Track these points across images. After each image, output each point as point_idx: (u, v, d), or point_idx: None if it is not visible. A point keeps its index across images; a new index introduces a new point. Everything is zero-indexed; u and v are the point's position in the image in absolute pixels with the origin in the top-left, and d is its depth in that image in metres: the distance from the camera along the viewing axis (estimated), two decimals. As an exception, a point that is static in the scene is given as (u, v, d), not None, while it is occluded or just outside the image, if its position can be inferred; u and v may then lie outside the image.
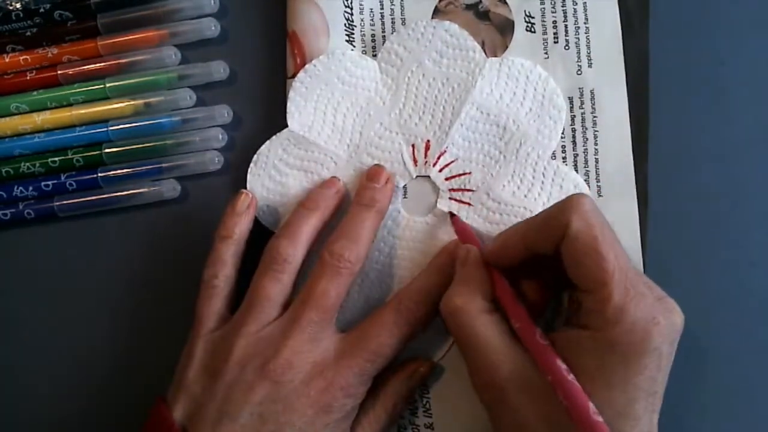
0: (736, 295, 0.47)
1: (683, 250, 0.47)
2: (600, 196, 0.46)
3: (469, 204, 0.46)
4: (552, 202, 0.44)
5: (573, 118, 0.46)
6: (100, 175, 0.49)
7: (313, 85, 0.47)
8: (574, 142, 0.46)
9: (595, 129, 0.46)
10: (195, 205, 0.50)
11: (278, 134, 0.47)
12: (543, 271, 0.42)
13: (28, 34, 0.49)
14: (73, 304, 0.50)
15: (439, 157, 0.46)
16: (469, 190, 0.46)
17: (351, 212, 0.45)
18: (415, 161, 0.47)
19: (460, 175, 0.46)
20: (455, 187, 0.46)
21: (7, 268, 0.51)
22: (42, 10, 0.49)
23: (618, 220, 0.45)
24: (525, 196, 0.46)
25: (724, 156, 0.47)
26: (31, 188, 0.49)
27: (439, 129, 0.46)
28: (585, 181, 0.46)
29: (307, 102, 0.47)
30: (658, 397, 0.37)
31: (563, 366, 0.36)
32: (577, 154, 0.46)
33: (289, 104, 0.47)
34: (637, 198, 0.46)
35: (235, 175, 0.49)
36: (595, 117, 0.46)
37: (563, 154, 0.46)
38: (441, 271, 0.44)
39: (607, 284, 0.36)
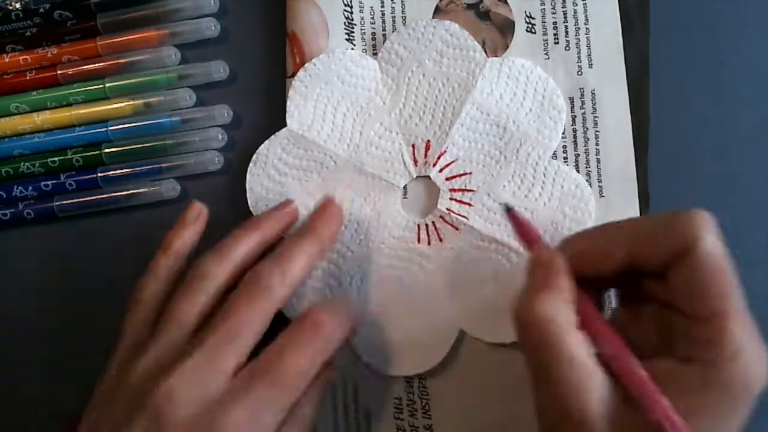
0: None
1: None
2: (602, 196, 0.45)
3: (469, 204, 0.46)
4: (553, 202, 0.45)
5: (574, 118, 0.46)
6: (99, 175, 0.49)
7: (313, 84, 0.47)
8: (575, 143, 0.46)
9: (596, 129, 0.46)
10: (195, 205, 0.50)
11: (277, 133, 0.47)
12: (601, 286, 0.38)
13: (28, 34, 0.49)
14: (73, 304, 0.50)
15: (439, 157, 0.46)
16: (469, 191, 0.46)
17: (288, 239, 0.42)
18: (415, 161, 0.47)
19: (460, 175, 0.46)
20: (456, 187, 0.46)
21: (7, 268, 0.51)
22: (42, 10, 0.49)
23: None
24: (525, 196, 0.45)
25: (724, 155, 0.47)
26: (30, 188, 0.49)
27: (439, 129, 0.46)
28: (587, 181, 0.45)
29: (307, 101, 0.47)
30: None
31: (668, 403, 0.32)
32: (578, 155, 0.46)
33: (288, 103, 0.47)
34: (639, 199, 0.46)
35: (235, 175, 0.49)
36: (596, 117, 0.46)
37: (564, 155, 0.46)
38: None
39: (730, 315, 0.32)
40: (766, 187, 0.47)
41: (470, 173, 0.46)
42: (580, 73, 0.46)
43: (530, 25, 0.47)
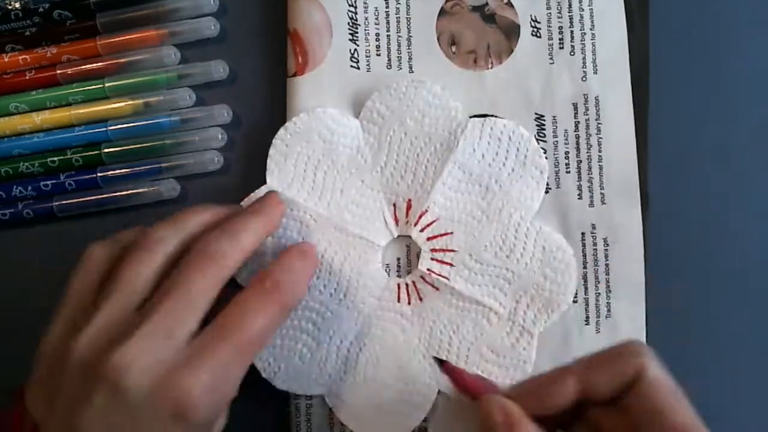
0: (737, 295, 0.47)
1: (684, 250, 0.47)
2: (603, 203, 0.46)
3: (450, 264, 0.46)
4: (534, 264, 0.45)
5: (577, 124, 0.46)
6: (99, 174, 0.48)
7: (293, 142, 0.46)
8: (578, 149, 0.46)
9: (599, 136, 0.46)
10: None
11: (257, 191, 0.46)
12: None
13: (27, 33, 0.49)
14: (73, 305, 0.50)
15: (420, 217, 0.46)
16: (451, 251, 0.46)
17: (232, 216, 0.41)
18: (396, 220, 0.46)
19: (441, 235, 0.46)
20: (437, 247, 0.46)
21: (6, 268, 0.50)
22: (41, 9, 0.48)
23: (622, 227, 0.45)
24: (507, 257, 0.45)
25: (724, 156, 0.48)
26: (30, 188, 0.49)
27: (420, 188, 0.46)
28: (588, 188, 0.46)
29: (287, 159, 0.46)
30: None
31: None
32: (581, 161, 0.46)
33: (269, 161, 0.46)
34: (640, 199, 0.46)
35: (235, 175, 0.49)
36: (599, 124, 0.46)
37: (566, 161, 0.46)
38: (310, 255, 0.42)
39: (692, 429, 0.34)
40: (767, 187, 0.48)
41: (452, 233, 0.46)
42: (584, 78, 0.46)
43: (535, 29, 0.46)
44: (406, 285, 0.46)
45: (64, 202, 0.49)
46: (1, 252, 0.50)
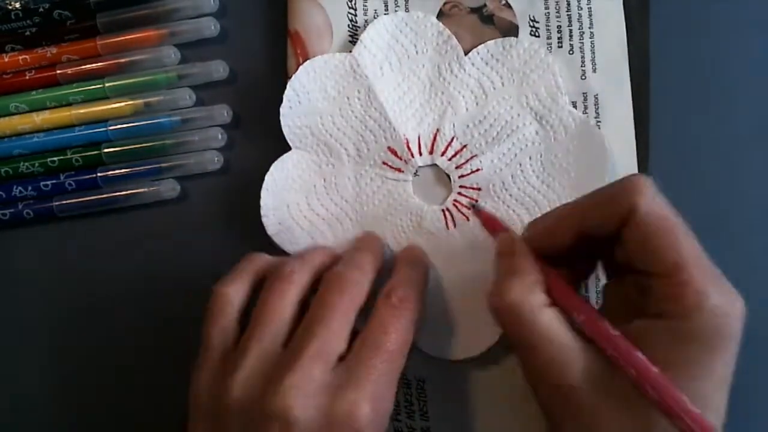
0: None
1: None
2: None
3: (479, 189, 0.46)
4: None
5: (577, 123, 0.46)
6: (99, 175, 0.49)
7: (309, 86, 0.47)
8: (577, 148, 0.46)
9: (600, 135, 0.46)
10: (195, 205, 0.50)
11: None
12: (573, 257, 0.39)
13: (28, 33, 0.49)
14: (72, 305, 0.50)
15: (447, 146, 0.46)
16: (477, 170, 0.46)
17: (348, 251, 0.44)
18: (420, 151, 0.47)
19: (468, 160, 0.46)
20: (465, 173, 0.46)
21: (6, 268, 0.51)
22: (41, 9, 0.48)
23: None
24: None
25: (725, 156, 0.47)
26: (30, 188, 0.49)
27: (441, 118, 0.46)
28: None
29: (305, 102, 0.47)
30: (729, 386, 0.35)
31: (644, 358, 0.33)
32: (581, 160, 0.46)
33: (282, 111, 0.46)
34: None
35: (235, 175, 0.49)
36: (599, 122, 0.46)
37: (566, 160, 0.46)
38: (417, 261, 0.44)
39: (686, 267, 0.34)
40: (767, 187, 0.47)
41: (476, 155, 0.46)
42: (584, 77, 0.46)
43: (534, 29, 0.46)
44: (446, 210, 0.47)
45: (64, 202, 0.49)
46: (1, 252, 0.51)
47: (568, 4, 0.46)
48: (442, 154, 0.46)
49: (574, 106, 0.46)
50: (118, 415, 0.50)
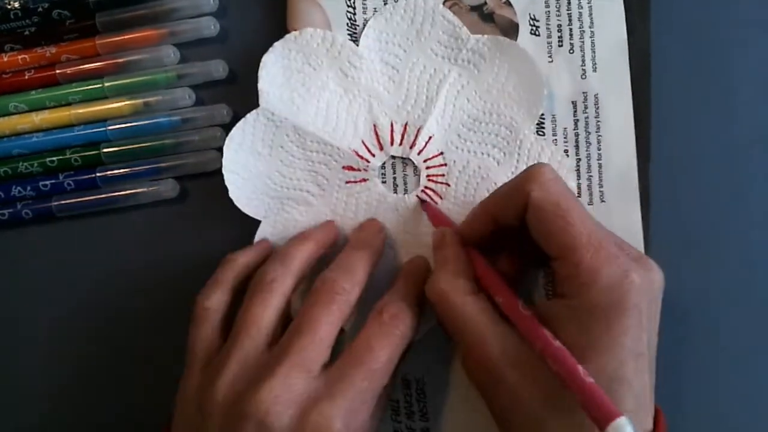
0: (738, 296, 0.47)
1: (685, 250, 0.47)
2: (603, 201, 0.45)
3: (447, 185, 0.46)
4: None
5: (576, 122, 0.46)
6: (98, 174, 0.48)
7: (284, 64, 0.47)
8: (576, 147, 0.46)
9: (599, 134, 0.46)
10: (194, 205, 0.50)
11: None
12: (513, 244, 0.42)
13: (27, 33, 0.49)
14: (72, 305, 0.50)
15: (392, 134, 0.47)
16: (430, 138, 0.47)
17: (343, 252, 0.44)
18: (392, 141, 0.47)
19: (417, 136, 0.46)
20: (421, 147, 0.47)
21: (5, 268, 0.51)
22: (40, 9, 0.48)
23: (621, 226, 0.45)
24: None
25: (725, 156, 0.47)
26: (29, 188, 0.49)
27: (414, 110, 0.47)
28: (587, 186, 0.45)
29: (278, 80, 0.47)
30: (646, 358, 0.37)
31: (548, 333, 0.36)
32: (580, 159, 0.46)
33: (260, 83, 0.46)
34: (639, 199, 0.46)
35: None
36: (599, 122, 0.46)
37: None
38: (418, 274, 0.44)
39: (576, 248, 0.36)
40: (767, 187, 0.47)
41: (442, 153, 0.47)
42: (584, 76, 0.46)
43: (534, 28, 0.46)
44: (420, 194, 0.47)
45: (63, 202, 0.49)
46: (1, 252, 0.50)
47: (569, 3, 0.46)
48: (392, 144, 0.47)
49: (574, 106, 0.46)
50: (117, 415, 0.50)
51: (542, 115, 0.46)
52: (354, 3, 0.47)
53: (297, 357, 0.38)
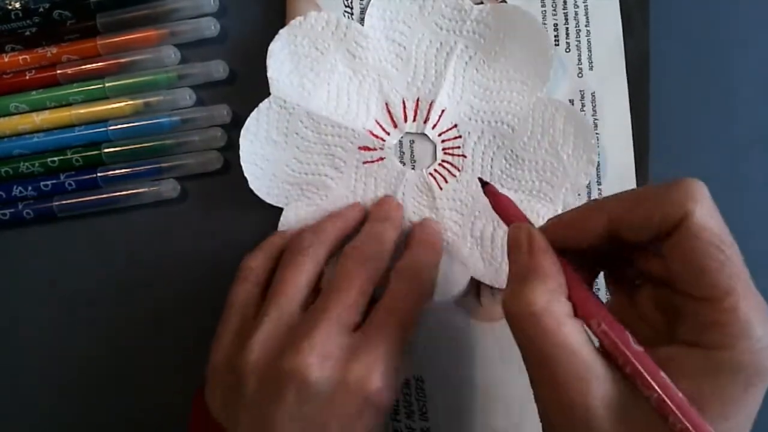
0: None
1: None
2: (600, 200, 0.45)
3: (463, 156, 0.47)
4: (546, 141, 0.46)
5: (574, 121, 0.46)
6: (99, 175, 0.49)
7: (293, 49, 0.47)
8: (575, 146, 0.46)
9: (596, 132, 0.46)
10: (195, 205, 0.50)
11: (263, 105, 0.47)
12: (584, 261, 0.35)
13: (27, 33, 0.49)
14: (73, 305, 0.50)
15: (404, 111, 0.47)
16: (443, 111, 0.47)
17: (367, 224, 0.45)
18: (405, 118, 0.47)
19: (430, 110, 0.47)
20: (435, 122, 0.47)
21: (6, 268, 0.51)
22: (41, 9, 0.48)
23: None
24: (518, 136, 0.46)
25: (725, 156, 0.47)
26: (30, 188, 0.49)
27: (425, 85, 0.47)
28: (586, 185, 0.45)
29: (287, 65, 0.47)
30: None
31: (667, 380, 0.29)
32: (578, 157, 0.46)
33: (269, 71, 0.47)
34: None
35: (235, 174, 0.49)
36: (596, 120, 0.46)
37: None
38: (432, 238, 0.46)
39: (734, 292, 0.29)
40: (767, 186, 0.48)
41: (456, 125, 0.47)
42: (580, 75, 0.46)
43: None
44: (434, 172, 0.47)
45: (64, 202, 0.49)
46: (1, 252, 0.51)
47: (564, 2, 0.46)
48: (405, 121, 0.47)
49: (571, 104, 0.46)
50: (118, 415, 0.50)
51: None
52: (351, 3, 0.47)
53: (334, 314, 0.39)
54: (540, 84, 0.46)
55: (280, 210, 0.47)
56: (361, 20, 0.47)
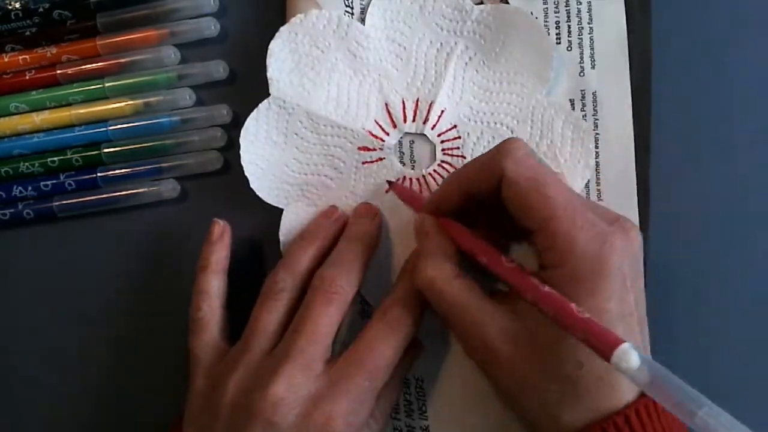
0: (738, 295, 0.47)
1: (684, 250, 0.47)
2: (600, 200, 0.45)
3: (462, 157, 0.46)
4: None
5: (575, 120, 0.46)
6: (99, 175, 0.49)
7: (293, 50, 0.47)
8: (575, 145, 0.46)
9: (597, 132, 0.45)
10: (195, 205, 0.50)
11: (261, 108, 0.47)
12: (489, 218, 0.42)
13: (28, 33, 0.49)
14: (72, 305, 0.50)
15: (404, 111, 0.47)
16: (443, 112, 0.46)
17: (339, 245, 0.45)
18: (404, 118, 0.47)
19: (429, 110, 0.46)
20: (434, 122, 0.47)
21: (6, 268, 0.51)
22: (41, 9, 0.49)
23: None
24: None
25: (726, 156, 0.47)
26: (30, 188, 0.49)
27: (424, 85, 0.47)
28: (585, 184, 0.45)
29: (288, 65, 0.47)
30: (636, 318, 0.38)
31: (537, 281, 0.36)
32: (578, 158, 0.46)
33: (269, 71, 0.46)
34: (639, 199, 0.45)
35: (235, 174, 0.48)
36: (596, 120, 0.46)
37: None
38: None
39: (552, 219, 0.37)
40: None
41: (455, 126, 0.47)
42: (582, 74, 0.46)
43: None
44: (417, 179, 0.47)
45: (64, 202, 0.49)
46: (1, 252, 0.51)
47: (567, 0, 0.46)
48: (405, 121, 0.47)
49: (572, 104, 0.46)
50: (117, 415, 0.50)
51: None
52: (352, 3, 0.47)
53: (299, 357, 0.40)
54: (540, 86, 0.45)
55: (279, 210, 0.47)
56: (362, 20, 0.47)
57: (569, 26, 0.46)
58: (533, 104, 0.45)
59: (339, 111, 0.47)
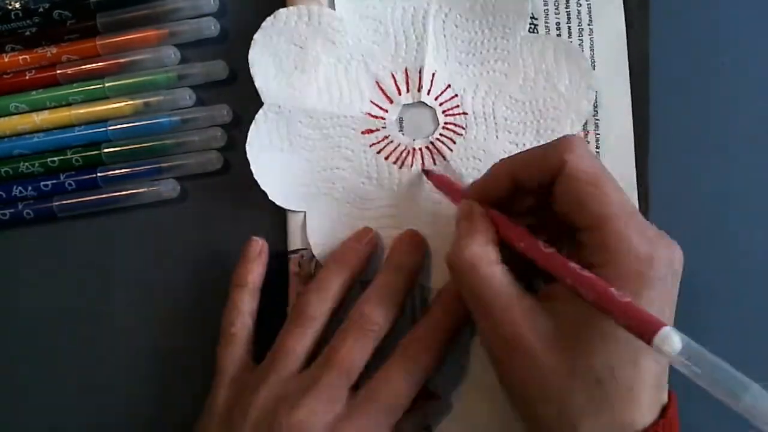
0: (738, 295, 0.47)
1: (684, 250, 0.47)
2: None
3: (464, 113, 0.47)
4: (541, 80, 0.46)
5: (574, 120, 0.46)
6: (99, 175, 0.49)
7: (276, 40, 0.47)
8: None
9: (597, 132, 0.46)
10: (195, 205, 0.50)
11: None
12: (530, 214, 0.42)
13: (27, 33, 0.49)
14: (72, 305, 0.50)
15: (420, 80, 0.47)
16: (463, 114, 0.47)
17: (383, 275, 0.45)
18: (399, 91, 0.47)
19: (444, 90, 0.47)
20: (445, 100, 0.47)
21: (6, 268, 0.51)
22: (41, 9, 0.48)
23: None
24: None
25: (725, 156, 0.47)
26: (30, 188, 0.49)
27: (409, 53, 0.47)
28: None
29: (271, 59, 0.47)
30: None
31: (576, 265, 0.36)
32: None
33: (252, 65, 0.47)
34: (639, 199, 0.45)
35: (235, 175, 0.49)
36: (597, 120, 0.46)
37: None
38: (446, 310, 0.44)
39: (610, 217, 0.36)
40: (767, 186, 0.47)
41: (457, 95, 0.47)
42: (582, 74, 0.46)
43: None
44: (425, 148, 0.47)
45: (64, 202, 0.49)
46: (1, 252, 0.51)
47: (567, 1, 0.46)
48: (400, 94, 0.47)
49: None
50: (117, 415, 0.49)
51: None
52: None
53: (325, 390, 0.41)
54: (522, 23, 0.46)
55: (280, 209, 0.47)
56: (332, 4, 0.47)
57: (569, 27, 0.46)
58: (519, 42, 0.46)
59: (333, 101, 0.47)
